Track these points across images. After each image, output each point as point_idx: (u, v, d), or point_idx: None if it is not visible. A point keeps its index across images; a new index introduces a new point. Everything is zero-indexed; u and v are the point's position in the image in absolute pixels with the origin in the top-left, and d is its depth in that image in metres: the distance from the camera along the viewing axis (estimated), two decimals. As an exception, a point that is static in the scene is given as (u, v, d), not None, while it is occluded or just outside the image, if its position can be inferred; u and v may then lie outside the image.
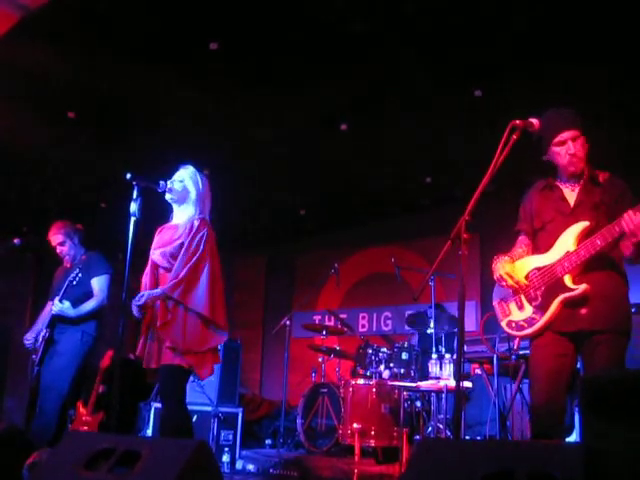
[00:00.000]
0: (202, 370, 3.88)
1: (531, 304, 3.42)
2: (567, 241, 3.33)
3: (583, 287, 3.23)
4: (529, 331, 3.41)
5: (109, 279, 5.62)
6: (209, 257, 3.95)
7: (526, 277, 3.47)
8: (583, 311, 3.26)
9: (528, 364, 3.54)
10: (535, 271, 3.43)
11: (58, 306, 5.36)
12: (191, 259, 3.88)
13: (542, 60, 5.48)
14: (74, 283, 5.34)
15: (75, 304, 5.43)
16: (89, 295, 5.54)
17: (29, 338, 5.54)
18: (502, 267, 3.52)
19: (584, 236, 3.27)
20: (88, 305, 5.50)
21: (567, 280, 3.28)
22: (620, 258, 3.34)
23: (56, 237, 5.69)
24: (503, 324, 3.56)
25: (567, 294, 3.27)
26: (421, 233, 9.09)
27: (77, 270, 5.36)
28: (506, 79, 5.81)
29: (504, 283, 3.51)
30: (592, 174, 3.44)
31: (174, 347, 3.74)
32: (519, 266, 3.53)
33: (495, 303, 3.65)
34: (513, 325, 3.49)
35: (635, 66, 5.41)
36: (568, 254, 3.29)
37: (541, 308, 3.37)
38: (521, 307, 3.47)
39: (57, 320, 5.45)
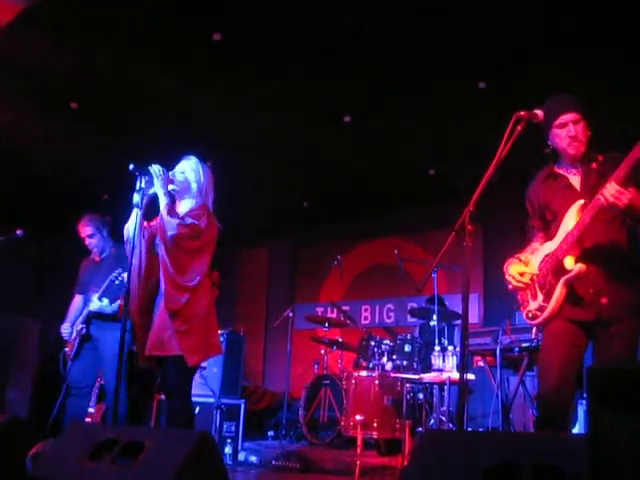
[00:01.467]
0: (191, 354, 3.82)
1: (542, 292, 3.41)
2: (568, 222, 3.30)
3: (578, 267, 3.21)
4: (540, 319, 3.40)
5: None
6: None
7: (539, 266, 3.45)
8: (604, 300, 3.21)
9: (539, 351, 3.52)
10: (545, 258, 3.41)
11: (97, 304, 5.31)
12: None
13: (546, 52, 5.47)
14: (116, 282, 5.24)
15: (113, 300, 5.36)
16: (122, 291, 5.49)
17: (66, 328, 5.47)
18: (509, 269, 3.52)
19: (580, 214, 3.25)
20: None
21: (567, 261, 3.25)
22: (630, 240, 3.29)
23: (85, 229, 5.60)
24: (524, 315, 3.56)
25: (566, 276, 3.25)
26: (424, 225, 9.08)
27: (120, 269, 5.24)
28: (510, 71, 5.79)
29: (510, 286, 3.51)
30: (590, 156, 3.41)
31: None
32: (535, 257, 3.50)
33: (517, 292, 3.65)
34: (530, 315, 3.48)
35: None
36: (566, 235, 3.28)
37: (548, 295, 3.35)
38: (534, 296, 3.45)
39: (94, 317, 5.39)
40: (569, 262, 3.25)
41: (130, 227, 3.94)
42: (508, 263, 3.56)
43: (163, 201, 3.88)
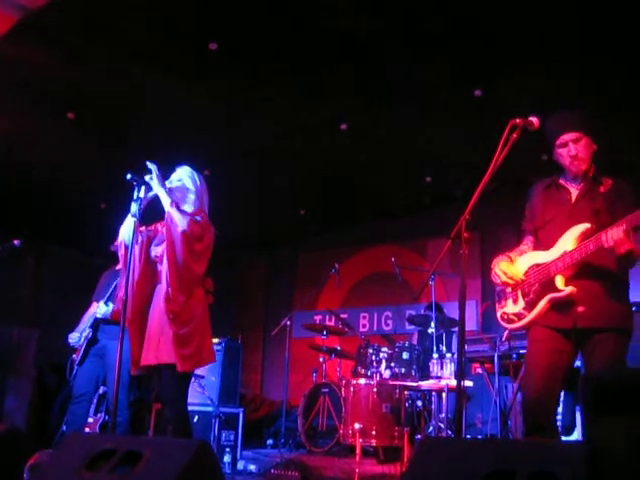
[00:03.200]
0: (185, 362, 3.81)
1: (524, 299, 3.46)
2: (567, 241, 3.33)
3: (569, 289, 3.26)
4: (517, 325, 3.47)
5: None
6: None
7: (525, 272, 3.49)
8: (580, 309, 3.26)
9: (525, 360, 3.56)
10: (534, 267, 3.46)
11: (103, 309, 5.32)
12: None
13: (542, 59, 5.49)
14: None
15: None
16: None
17: (74, 337, 5.44)
18: (497, 265, 3.58)
19: (583, 238, 3.27)
20: None
21: (558, 281, 3.30)
22: (619, 266, 3.31)
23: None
24: (498, 315, 3.63)
25: (554, 294, 3.30)
26: (421, 233, 9.10)
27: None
28: (506, 78, 5.82)
29: (498, 280, 3.56)
30: (596, 177, 3.45)
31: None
32: (521, 261, 3.55)
33: (496, 294, 3.70)
34: (505, 317, 3.56)
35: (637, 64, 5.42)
36: (564, 254, 3.30)
37: (531, 305, 3.41)
38: (515, 301, 3.52)
39: (101, 322, 5.39)
40: (560, 282, 3.30)
41: (124, 232, 3.94)
42: (498, 259, 3.62)
43: (167, 199, 3.89)
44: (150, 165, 3.91)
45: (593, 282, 3.28)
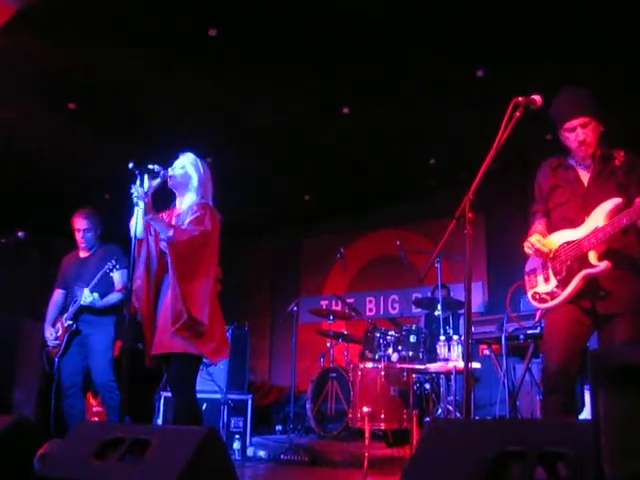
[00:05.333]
0: (214, 355, 3.88)
1: (556, 277, 3.42)
2: (598, 217, 3.32)
3: (604, 264, 3.23)
4: (550, 304, 3.43)
5: (127, 273, 5.49)
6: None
7: (556, 251, 3.46)
8: (601, 294, 3.26)
9: (543, 332, 3.55)
10: (565, 245, 3.43)
11: (90, 297, 5.28)
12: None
13: (545, 39, 5.45)
14: (111, 274, 5.30)
15: (103, 295, 5.37)
16: (111, 288, 5.46)
17: (52, 334, 5.41)
18: (532, 236, 3.52)
19: (615, 212, 3.26)
20: (112, 298, 5.43)
21: (591, 256, 3.28)
22: None
23: (82, 222, 5.54)
24: (529, 295, 3.58)
25: (589, 270, 3.27)
26: (426, 215, 9.07)
27: (113, 261, 5.26)
28: (508, 59, 5.77)
29: (531, 249, 3.49)
30: (606, 154, 3.45)
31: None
32: (553, 238, 3.51)
33: (525, 274, 3.66)
34: (537, 297, 3.51)
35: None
36: (596, 230, 3.28)
37: (564, 282, 3.37)
38: (547, 279, 3.48)
39: (84, 311, 5.36)
40: (593, 257, 3.27)
41: (133, 224, 3.91)
42: (531, 233, 3.56)
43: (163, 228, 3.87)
44: (135, 190, 3.83)
45: (616, 263, 3.25)
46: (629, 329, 3.19)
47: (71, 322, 5.35)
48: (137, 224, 3.83)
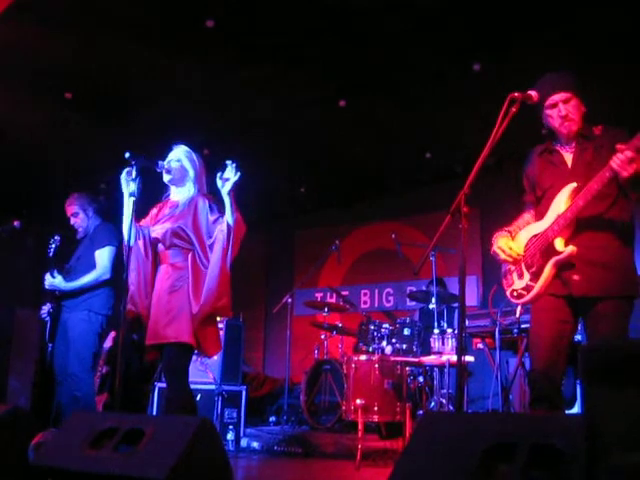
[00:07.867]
0: (208, 346, 3.89)
1: (529, 271, 3.44)
2: (559, 204, 3.33)
3: (569, 249, 3.24)
4: (527, 298, 3.44)
5: (114, 251, 5.30)
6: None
7: (525, 245, 3.48)
8: (575, 277, 3.26)
9: (530, 327, 3.55)
10: (533, 238, 3.45)
11: (49, 280, 5.21)
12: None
13: (541, 32, 5.45)
14: (52, 247, 5.27)
15: (72, 278, 5.26)
16: (93, 268, 5.31)
17: (44, 309, 5.35)
18: (496, 242, 3.57)
19: (574, 197, 3.25)
20: (84, 279, 5.23)
21: (557, 243, 3.29)
22: (622, 218, 3.30)
23: (70, 208, 5.55)
24: (507, 294, 3.60)
25: (556, 257, 3.28)
26: (421, 209, 9.08)
27: (57, 237, 5.27)
28: (505, 52, 5.77)
29: (498, 257, 3.55)
30: (584, 132, 3.41)
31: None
32: (521, 235, 3.54)
33: (502, 276, 3.68)
34: (515, 294, 3.53)
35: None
36: (558, 217, 3.29)
37: (536, 275, 3.39)
38: (521, 275, 3.50)
39: (64, 297, 5.27)
40: (559, 244, 3.29)
41: (125, 223, 3.89)
42: (497, 235, 3.60)
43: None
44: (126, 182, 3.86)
45: (592, 240, 3.26)
46: (612, 319, 3.18)
47: (50, 305, 5.29)
48: (128, 226, 3.82)
